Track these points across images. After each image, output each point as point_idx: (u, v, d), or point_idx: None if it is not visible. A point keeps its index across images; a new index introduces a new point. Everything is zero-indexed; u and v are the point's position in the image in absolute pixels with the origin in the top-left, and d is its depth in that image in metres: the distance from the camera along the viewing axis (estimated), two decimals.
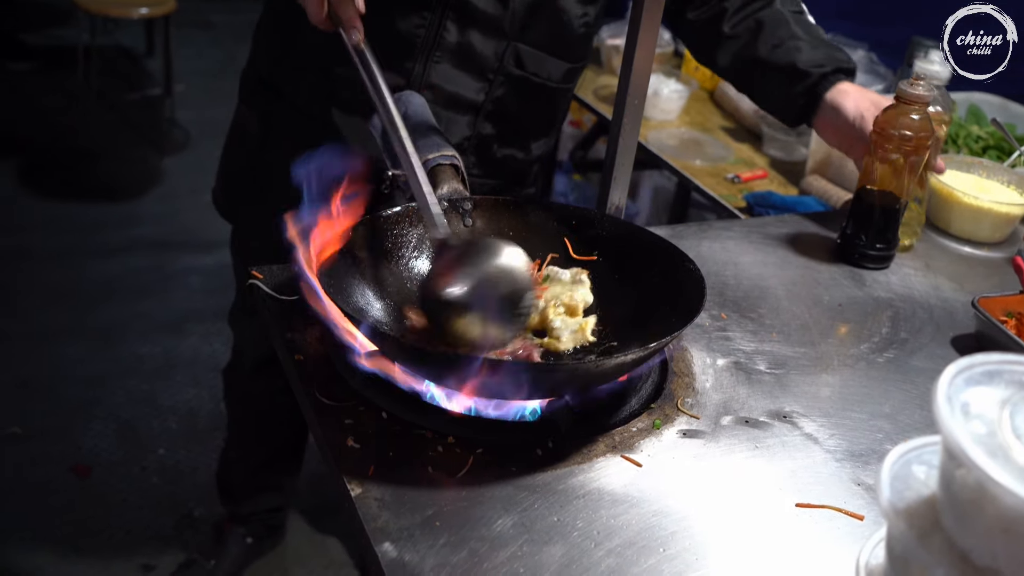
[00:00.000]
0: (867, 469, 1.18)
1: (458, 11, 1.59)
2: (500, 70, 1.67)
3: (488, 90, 1.68)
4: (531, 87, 1.72)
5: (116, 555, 2.47)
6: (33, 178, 4.34)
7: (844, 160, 2.22)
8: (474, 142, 1.72)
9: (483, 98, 1.69)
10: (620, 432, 1.19)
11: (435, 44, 1.60)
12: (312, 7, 1.32)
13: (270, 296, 1.36)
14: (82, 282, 3.61)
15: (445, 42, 1.61)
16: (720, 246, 1.72)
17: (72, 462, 2.74)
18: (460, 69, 1.64)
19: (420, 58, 1.62)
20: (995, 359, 0.75)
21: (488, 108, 1.71)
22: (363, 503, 1.03)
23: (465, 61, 1.64)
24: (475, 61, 1.64)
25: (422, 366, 1.17)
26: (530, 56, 1.68)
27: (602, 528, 1.03)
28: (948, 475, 0.72)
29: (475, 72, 1.65)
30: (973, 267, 1.81)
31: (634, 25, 1.44)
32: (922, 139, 1.60)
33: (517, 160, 1.82)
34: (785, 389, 1.33)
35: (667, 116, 2.78)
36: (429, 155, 1.45)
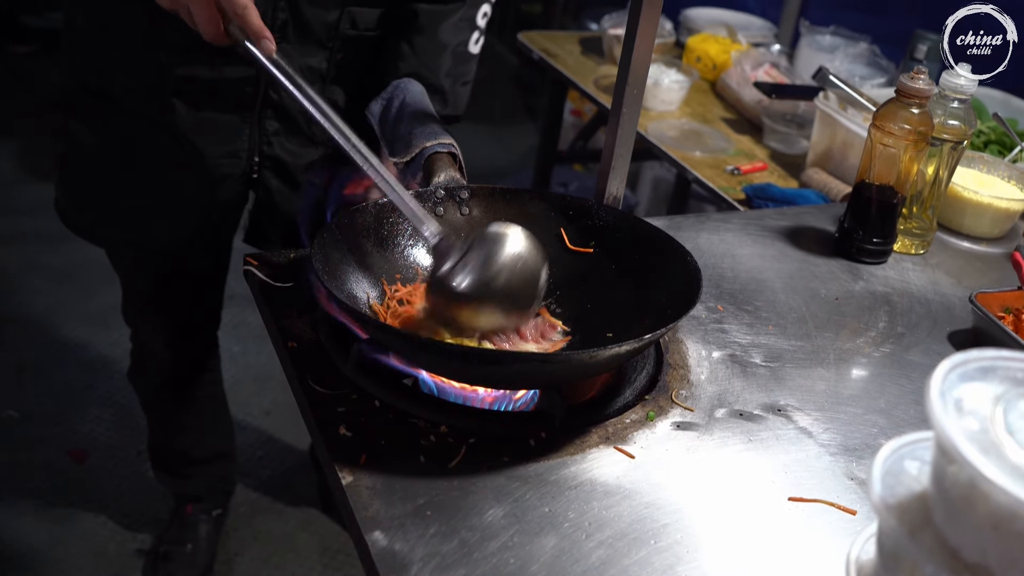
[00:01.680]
0: (861, 464, 1.18)
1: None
2: (337, 35, 1.67)
3: (329, 57, 1.69)
4: (364, 43, 1.72)
5: (111, 539, 2.47)
6: (33, 161, 4.32)
7: (845, 153, 2.21)
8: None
9: (326, 65, 1.69)
10: (614, 423, 1.18)
11: (273, 25, 1.58)
12: (204, 21, 1.27)
13: (264, 283, 1.36)
14: (81, 266, 3.59)
15: (280, 21, 1.59)
16: (718, 238, 1.71)
17: (69, 446, 2.73)
18: (300, 43, 1.63)
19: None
20: (990, 355, 0.75)
21: (332, 74, 1.71)
22: (354, 491, 1.03)
23: (302, 35, 1.63)
24: (313, 34, 1.64)
25: (417, 355, 1.16)
26: (362, 15, 1.68)
27: (593, 519, 1.03)
28: (940, 471, 0.72)
29: (314, 44, 1.65)
30: (972, 262, 1.81)
31: (634, 14, 1.43)
32: (922, 133, 1.59)
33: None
34: (780, 382, 1.33)
35: (667, 107, 2.77)
36: (426, 143, 1.45)
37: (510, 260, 1.20)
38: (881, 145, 1.62)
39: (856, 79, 2.67)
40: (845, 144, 2.21)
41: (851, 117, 2.20)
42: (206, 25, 1.28)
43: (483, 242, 1.22)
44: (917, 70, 1.57)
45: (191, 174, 1.70)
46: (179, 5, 1.29)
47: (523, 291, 1.22)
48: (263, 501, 2.67)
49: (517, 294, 1.21)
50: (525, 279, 1.21)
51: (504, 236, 1.21)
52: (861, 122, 2.16)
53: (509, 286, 1.20)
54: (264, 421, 2.93)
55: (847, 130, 2.18)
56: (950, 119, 1.68)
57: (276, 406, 2.98)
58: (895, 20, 3.05)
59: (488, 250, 1.21)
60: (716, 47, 3.03)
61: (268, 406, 2.98)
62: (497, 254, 1.20)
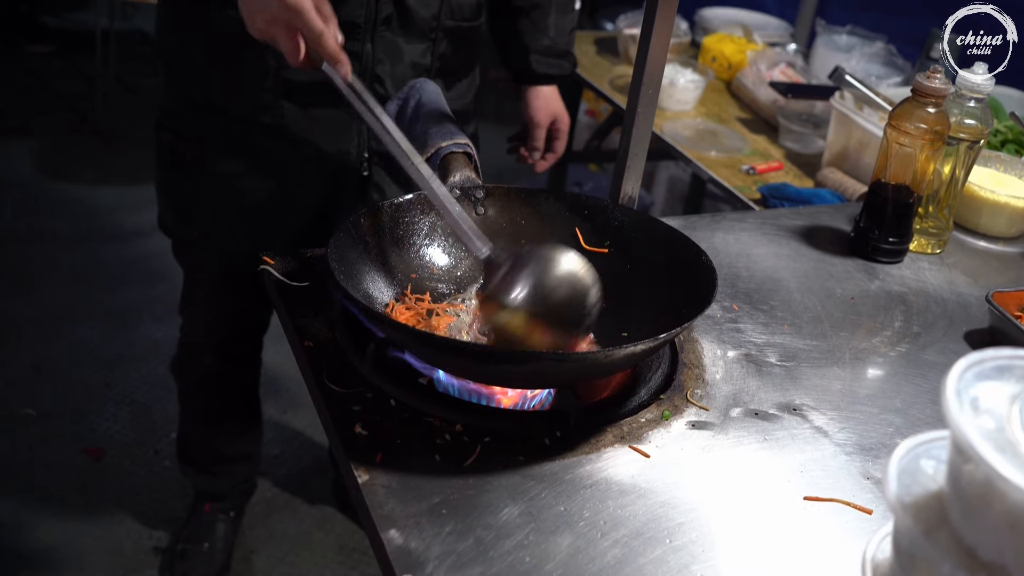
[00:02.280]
0: (877, 463, 1.18)
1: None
2: (439, 27, 1.71)
3: (432, 49, 1.73)
4: (462, 34, 1.77)
5: (127, 537, 2.48)
6: (50, 161, 4.35)
7: (861, 152, 2.21)
8: None
9: (430, 60, 1.73)
10: (629, 423, 1.19)
11: (376, 19, 1.63)
12: (289, 50, 1.30)
13: (281, 282, 1.36)
14: (98, 265, 3.62)
15: (383, 15, 1.64)
16: (733, 238, 1.71)
17: (85, 444, 2.75)
18: (403, 36, 1.68)
19: (366, 37, 1.64)
20: (1006, 354, 0.75)
21: (436, 66, 1.75)
22: (370, 490, 1.03)
23: (406, 27, 1.67)
24: (416, 25, 1.68)
25: (432, 354, 1.17)
26: (458, 4, 1.73)
27: (609, 518, 1.03)
28: (956, 470, 0.72)
29: (417, 36, 1.69)
30: (988, 261, 1.80)
31: (649, 14, 1.43)
32: (938, 133, 1.59)
33: (460, 111, 1.85)
34: (795, 382, 1.33)
35: (683, 107, 2.77)
36: (442, 143, 1.45)
37: (566, 277, 1.19)
38: (897, 144, 1.61)
39: (872, 79, 2.67)
40: (861, 144, 2.20)
41: (867, 117, 2.20)
42: (290, 53, 1.30)
43: (537, 259, 1.20)
44: (933, 69, 1.57)
45: (304, 175, 1.74)
46: (267, 36, 1.32)
47: (575, 310, 1.19)
48: (279, 500, 2.68)
49: (568, 312, 1.19)
50: (578, 298, 1.19)
51: (559, 255, 1.20)
52: (877, 121, 2.16)
53: (562, 303, 1.18)
54: (280, 420, 2.94)
55: (863, 130, 2.18)
56: (967, 118, 1.67)
57: (292, 405, 2.99)
58: (912, 20, 3.04)
59: (543, 267, 1.19)
60: (732, 47, 3.03)
61: (284, 405, 2.99)
62: (553, 270, 1.18)
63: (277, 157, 1.72)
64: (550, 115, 2.17)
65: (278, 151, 1.72)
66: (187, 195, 1.84)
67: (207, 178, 1.78)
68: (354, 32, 1.62)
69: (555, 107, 2.17)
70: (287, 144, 1.71)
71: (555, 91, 2.17)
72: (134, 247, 3.74)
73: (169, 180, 1.87)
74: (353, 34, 1.62)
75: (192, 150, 1.77)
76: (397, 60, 1.68)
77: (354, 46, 1.63)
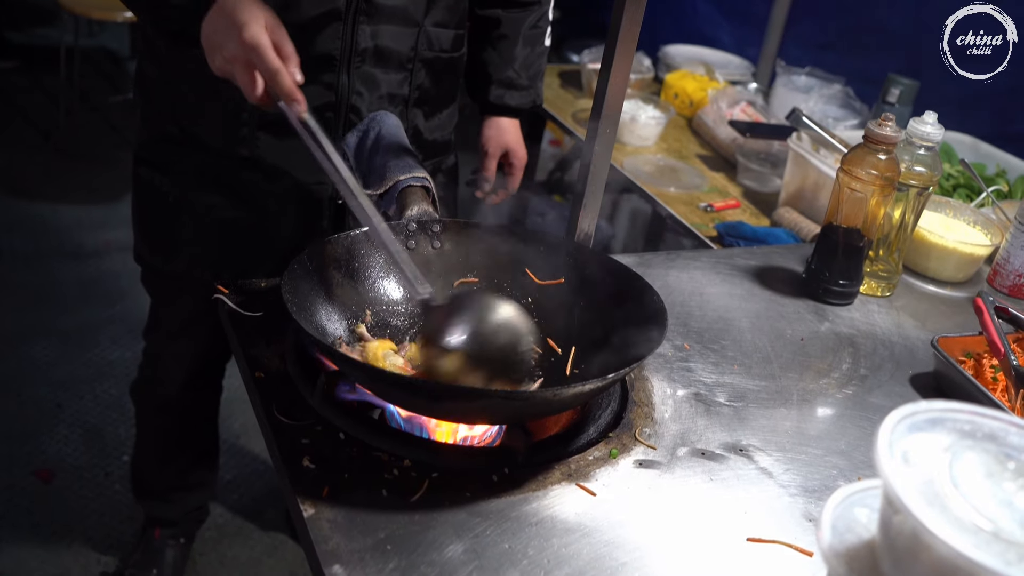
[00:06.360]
0: (819, 505, 1.19)
1: (369, 13, 1.62)
2: (416, 58, 1.72)
3: (410, 80, 1.73)
4: (441, 65, 1.78)
5: (75, 562, 2.45)
6: (11, 178, 4.31)
7: (816, 193, 2.24)
8: (410, 133, 1.74)
9: (407, 90, 1.74)
10: (576, 460, 1.19)
11: (352, 51, 1.64)
12: (245, 86, 1.31)
13: (234, 311, 1.36)
14: (55, 284, 3.58)
15: (361, 47, 1.64)
16: (687, 276, 1.73)
17: (36, 466, 2.72)
18: (380, 68, 1.68)
19: (342, 69, 1.64)
20: (939, 407, 0.77)
21: (415, 96, 1.76)
22: (315, 524, 1.03)
23: (383, 59, 1.68)
24: (392, 56, 1.69)
25: (382, 389, 1.17)
26: (436, 36, 1.74)
27: (552, 557, 1.04)
28: (887, 521, 0.73)
29: (395, 67, 1.70)
30: (936, 305, 1.83)
31: (609, 51, 1.45)
32: (889, 179, 1.62)
33: (440, 142, 1.88)
34: (743, 422, 1.34)
35: (644, 142, 2.79)
36: (400, 176, 1.46)
37: (503, 323, 1.20)
38: (849, 189, 1.64)
39: (829, 120, 2.71)
40: (816, 185, 2.24)
41: (823, 158, 2.23)
42: (247, 88, 1.31)
43: (474, 303, 1.23)
44: (884, 117, 1.60)
45: (282, 206, 1.74)
46: (226, 73, 1.33)
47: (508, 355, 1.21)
48: (231, 526, 2.65)
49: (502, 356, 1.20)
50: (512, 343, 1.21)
51: (496, 301, 1.22)
52: (832, 163, 2.19)
53: (499, 347, 1.20)
54: (235, 444, 2.92)
55: (818, 171, 2.21)
56: (916, 165, 1.71)
57: (247, 430, 2.97)
58: (870, 63, 3.09)
59: (480, 312, 1.21)
60: (694, 84, 3.07)
61: (238, 430, 2.97)
62: (490, 316, 1.21)
63: (254, 189, 1.72)
64: (501, 147, 2.14)
65: (255, 183, 1.71)
66: (164, 228, 1.83)
67: (184, 211, 1.77)
68: (330, 64, 1.62)
69: (508, 140, 2.14)
70: (264, 176, 1.70)
71: (514, 124, 2.15)
72: (93, 266, 3.71)
73: (146, 212, 1.85)
74: (329, 66, 1.62)
75: (169, 183, 1.76)
76: (374, 90, 1.69)
77: (330, 78, 1.63)
